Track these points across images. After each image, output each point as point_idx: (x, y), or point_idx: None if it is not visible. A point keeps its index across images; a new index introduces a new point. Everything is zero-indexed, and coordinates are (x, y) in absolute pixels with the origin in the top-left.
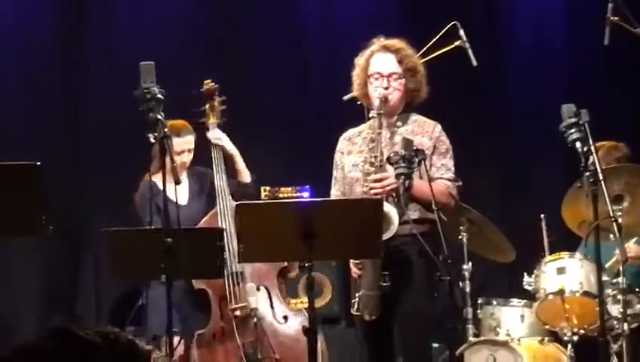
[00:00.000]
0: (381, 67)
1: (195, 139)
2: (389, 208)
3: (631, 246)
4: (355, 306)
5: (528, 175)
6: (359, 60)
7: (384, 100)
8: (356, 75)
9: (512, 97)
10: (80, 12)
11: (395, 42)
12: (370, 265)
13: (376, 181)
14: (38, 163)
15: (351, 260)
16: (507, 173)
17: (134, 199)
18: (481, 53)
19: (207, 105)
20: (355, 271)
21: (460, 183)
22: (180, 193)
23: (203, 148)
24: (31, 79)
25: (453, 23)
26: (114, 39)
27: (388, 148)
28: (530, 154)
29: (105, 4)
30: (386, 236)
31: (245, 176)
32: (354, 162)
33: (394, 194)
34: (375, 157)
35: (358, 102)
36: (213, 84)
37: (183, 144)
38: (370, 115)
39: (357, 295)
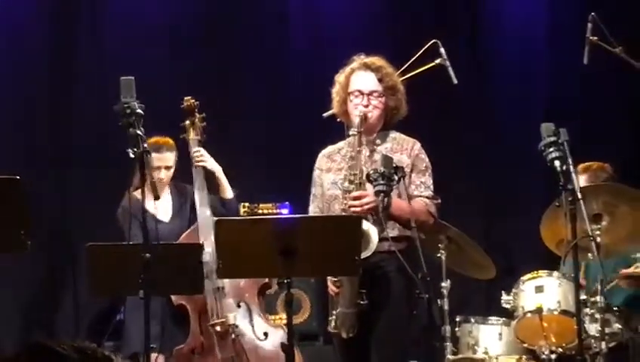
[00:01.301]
0: (361, 85)
1: (176, 156)
2: (369, 226)
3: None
4: (333, 323)
5: (509, 192)
6: (339, 78)
7: (364, 118)
8: (336, 92)
9: (493, 115)
10: (70, 22)
11: (376, 60)
12: (347, 283)
13: (355, 199)
14: (17, 177)
15: (328, 277)
16: (487, 190)
17: (117, 213)
18: (462, 71)
19: (187, 122)
20: (332, 288)
21: (439, 201)
22: (163, 209)
23: (185, 164)
24: (17, 90)
25: (433, 41)
26: (102, 50)
27: (367, 165)
28: (511, 171)
29: (94, 15)
30: (364, 254)
31: (227, 192)
32: (333, 180)
33: (373, 213)
34: (354, 174)
35: (338, 119)
36: (193, 100)
37: (159, 160)
38: (350, 133)
39: (334, 312)
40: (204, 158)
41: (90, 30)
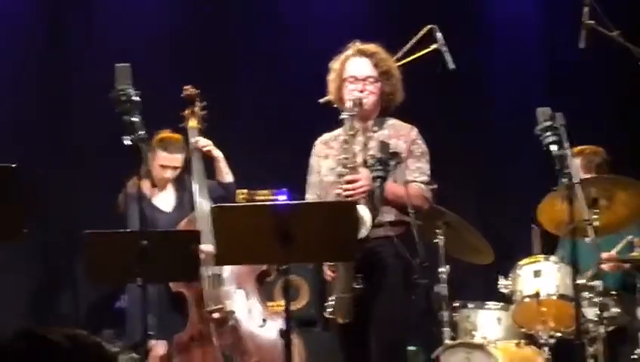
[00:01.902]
0: (356, 71)
1: (184, 155)
2: (362, 209)
3: (612, 252)
4: (329, 309)
5: (505, 176)
6: (334, 64)
7: (358, 103)
8: (331, 79)
9: (490, 99)
10: (64, 12)
11: (371, 46)
12: (342, 268)
13: (348, 182)
14: (14, 165)
15: (324, 263)
16: (485, 175)
17: (118, 199)
18: (458, 56)
19: (187, 111)
20: (328, 273)
21: (436, 186)
22: (165, 201)
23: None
24: (16, 81)
25: (430, 26)
26: (100, 40)
27: (364, 152)
28: (508, 156)
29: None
30: (359, 235)
31: (226, 176)
32: (330, 166)
33: (367, 196)
34: (347, 158)
35: (335, 106)
36: (194, 89)
37: (167, 160)
38: (341, 117)
39: (331, 297)
40: (210, 144)
41: (86, 19)
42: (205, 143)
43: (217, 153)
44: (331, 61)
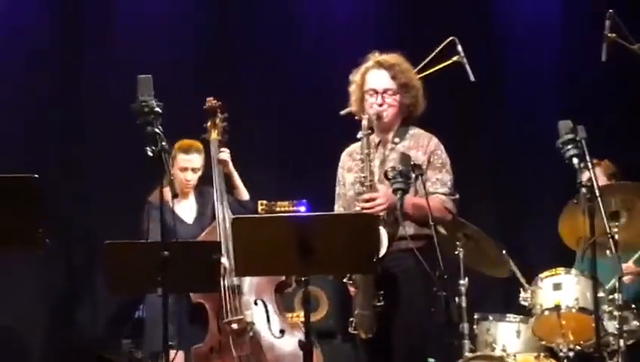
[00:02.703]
0: (375, 83)
1: (204, 160)
2: (380, 229)
3: (630, 264)
4: (353, 324)
5: (526, 190)
6: (354, 77)
7: (377, 117)
8: (352, 91)
9: (511, 111)
10: (78, 19)
11: (389, 57)
12: (363, 285)
13: (366, 201)
14: (36, 175)
15: (344, 280)
16: (507, 188)
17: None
18: (479, 67)
19: (209, 123)
20: (352, 289)
21: (457, 197)
22: (186, 212)
23: (207, 165)
24: (30, 92)
25: (451, 38)
26: (114, 47)
27: (385, 164)
28: (528, 168)
29: (102, 13)
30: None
31: (243, 193)
32: (352, 180)
33: (386, 214)
34: (365, 177)
35: (356, 117)
36: (215, 101)
37: (187, 161)
38: (358, 136)
39: (354, 313)
40: (227, 157)
41: (100, 29)
42: (227, 157)
43: (232, 170)
44: (348, 70)
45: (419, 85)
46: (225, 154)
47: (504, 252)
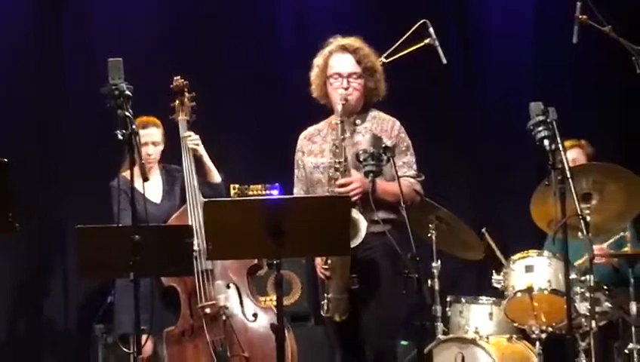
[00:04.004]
0: (340, 67)
1: (163, 133)
2: (357, 215)
3: (603, 246)
4: (325, 308)
5: (498, 172)
6: (317, 61)
7: (344, 101)
8: (315, 75)
9: (482, 95)
10: (54, 9)
11: (353, 41)
12: (339, 269)
13: (341, 186)
14: (6, 160)
15: (317, 263)
16: (479, 171)
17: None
18: (451, 51)
19: (176, 102)
20: (321, 272)
21: (423, 177)
22: (153, 191)
23: (175, 145)
24: (2, 76)
25: (422, 20)
26: (88, 34)
27: (349, 147)
28: (503, 151)
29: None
30: (353, 243)
31: (215, 176)
32: (315, 164)
33: (359, 202)
34: (339, 162)
35: (322, 102)
36: (182, 80)
37: (145, 136)
38: (333, 122)
39: (326, 296)
40: (196, 141)
41: (77, 11)
42: (195, 140)
43: (203, 152)
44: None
45: (381, 69)
46: (192, 141)
47: (484, 230)
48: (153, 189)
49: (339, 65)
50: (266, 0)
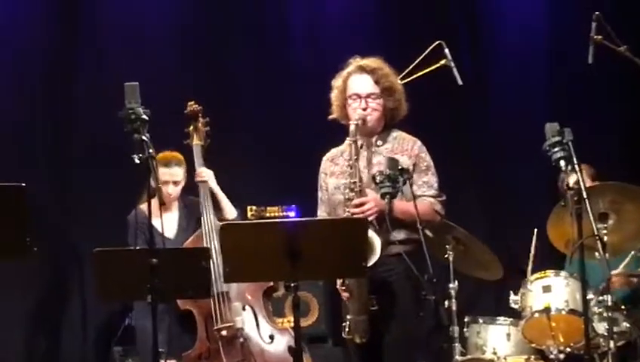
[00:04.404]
0: (358, 88)
1: (185, 171)
2: (372, 235)
3: (619, 270)
4: (346, 329)
5: (516, 193)
6: (336, 82)
7: (362, 123)
8: (334, 96)
9: (499, 114)
10: (70, 24)
11: (371, 62)
12: (357, 290)
13: (356, 206)
14: (24, 184)
15: (337, 284)
16: (494, 191)
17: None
18: (466, 72)
19: (191, 127)
20: (343, 294)
21: (444, 198)
22: (168, 225)
23: (191, 173)
24: (18, 100)
25: (438, 42)
26: (102, 61)
27: (369, 168)
28: (517, 171)
29: (95, 23)
30: (369, 263)
31: (229, 212)
32: (336, 185)
33: (374, 221)
34: (354, 183)
35: (342, 122)
36: (197, 105)
37: (168, 175)
38: (347, 142)
39: (347, 318)
40: (204, 178)
41: (90, 33)
42: (202, 177)
43: (215, 186)
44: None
45: (401, 89)
46: (201, 178)
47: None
48: (169, 223)
49: (357, 85)
50: (280, 25)
